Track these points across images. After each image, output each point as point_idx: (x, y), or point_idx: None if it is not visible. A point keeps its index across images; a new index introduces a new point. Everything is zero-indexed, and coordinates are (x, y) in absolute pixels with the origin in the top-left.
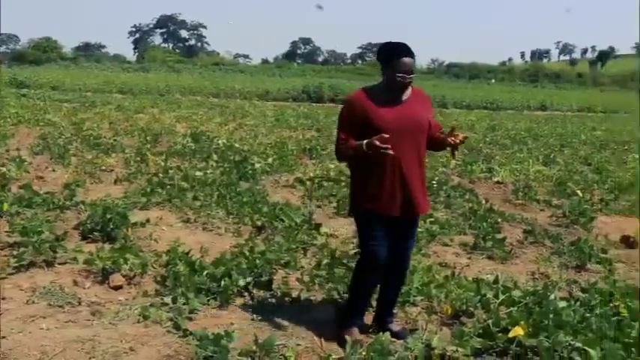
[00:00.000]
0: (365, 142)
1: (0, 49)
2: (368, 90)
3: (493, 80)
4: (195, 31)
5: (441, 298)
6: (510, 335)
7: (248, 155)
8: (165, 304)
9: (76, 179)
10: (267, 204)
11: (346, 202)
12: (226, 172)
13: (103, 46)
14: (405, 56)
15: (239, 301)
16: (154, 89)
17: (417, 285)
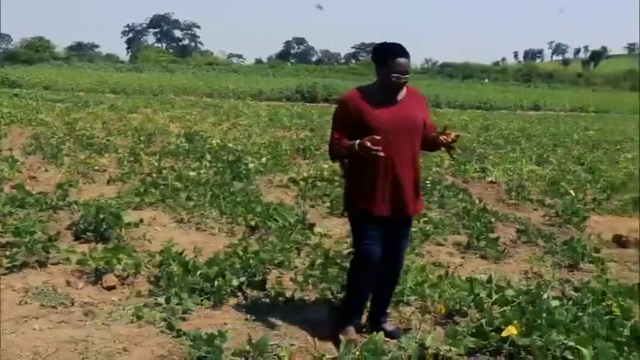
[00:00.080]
0: (357, 143)
1: None
2: (362, 90)
3: (486, 80)
4: (189, 31)
5: (435, 297)
6: (503, 334)
7: (242, 155)
8: (159, 304)
9: (69, 179)
10: (260, 204)
11: (340, 201)
12: (220, 172)
13: (95, 46)
14: (400, 56)
15: (232, 301)
16: (147, 89)
17: (411, 284)
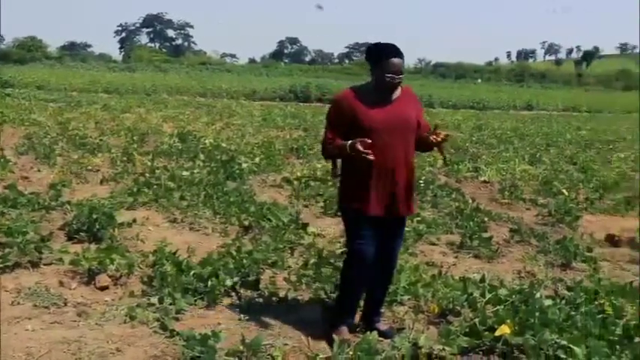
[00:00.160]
0: (348, 144)
1: None
2: (356, 89)
3: (479, 80)
4: (182, 31)
5: (428, 297)
6: (497, 334)
7: (235, 155)
8: (152, 304)
9: (62, 179)
10: (254, 204)
11: (333, 201)
12: (213, 171)
13: (88, 46)
14: (394, 57)
15: (226, 301)
16: (140, 89)
17: (404, 284)
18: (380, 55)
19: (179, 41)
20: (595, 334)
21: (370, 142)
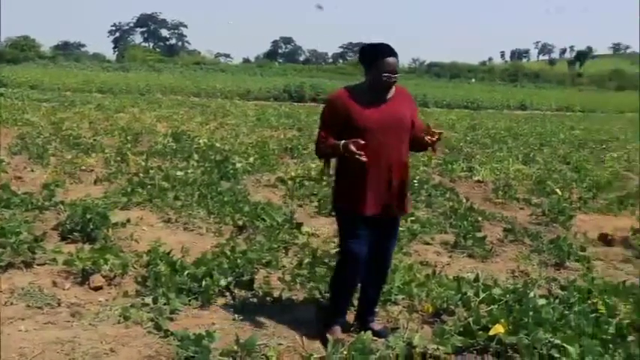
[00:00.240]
0: (341, 144)
1: None
2: (350, 89)
3: (473, 80)
4: (176, 30)
5: (422, 296)
6: (491, 333)
7: (229, 155)
8: (146, 304)
9: (56, 179)
10: (248, 203)
11: (327, 201)
12: (207, 171)
13: (82, 45)
14: (390, 56)
15: (220, 301)
16: (134, 88)
17: (399, 284)
18: (375, 55)
19: (173, 41)
20: (588, 333)
21: (363, 142)
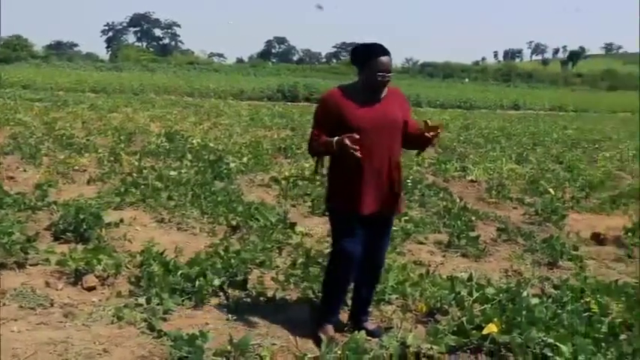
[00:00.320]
0: (335, 140)
1: None
2: (344, 89)
3: (467, 79)
4: (169, 30)
5: (416, 296)
6: (484, 332)
7: (223, 155)
8: (140, 304)
9: (48, 179)
10: (242, 203)
11: (321, 201)
12: (201, 171)
13: (75, 45)
14: (383, 55)
15: (214, 301)
16: (127, 88)
17: (392, 283)
18: (369, 55)
19: (166, 41)
20: (581, 332)
21: (358, 137)
